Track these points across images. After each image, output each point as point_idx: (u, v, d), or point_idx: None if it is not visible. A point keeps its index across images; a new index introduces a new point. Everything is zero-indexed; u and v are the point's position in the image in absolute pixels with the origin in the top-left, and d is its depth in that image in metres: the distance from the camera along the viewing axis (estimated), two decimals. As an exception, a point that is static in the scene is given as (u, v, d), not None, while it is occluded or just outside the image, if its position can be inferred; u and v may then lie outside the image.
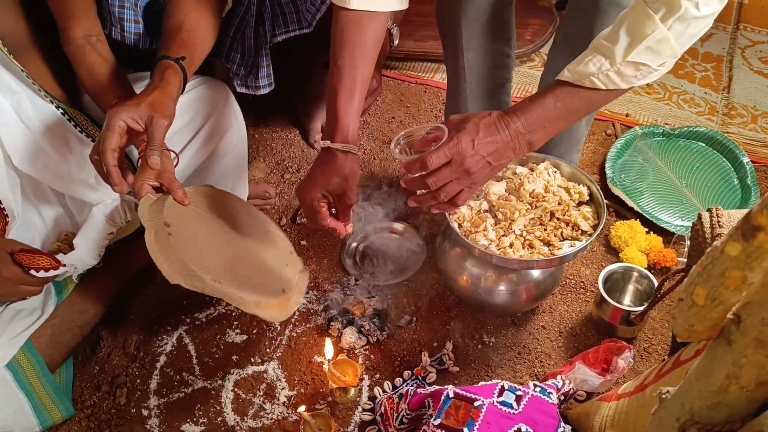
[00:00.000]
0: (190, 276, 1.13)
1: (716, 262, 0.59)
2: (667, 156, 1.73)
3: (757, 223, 0.52)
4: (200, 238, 1.25)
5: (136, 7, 1.40)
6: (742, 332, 0.63)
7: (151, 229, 1.15)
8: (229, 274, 1.21)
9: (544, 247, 1.26)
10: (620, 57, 1.01)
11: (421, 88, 1.96)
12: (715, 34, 2.11)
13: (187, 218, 1.25)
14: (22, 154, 1.27)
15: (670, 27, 0.96)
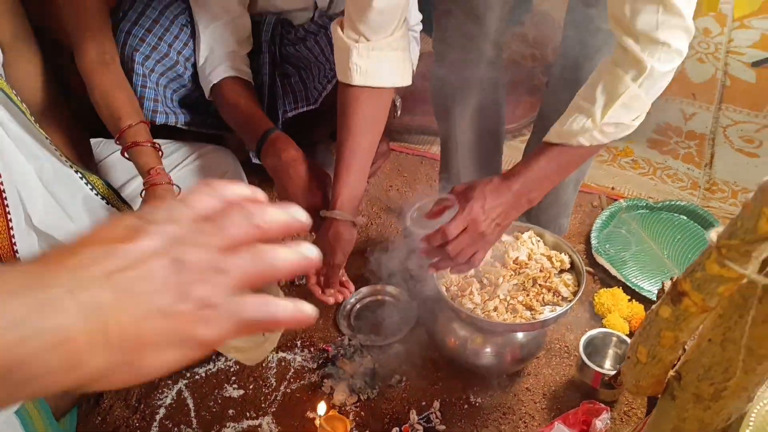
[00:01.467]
0: None
1: (653, 323, 0.67)
2: (650, 228, 1.82)
3: (682, 289, 0.61)
4: None
5: (157, 86, 1.53)
6: (683, 388, 0.71)
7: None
8: None
9: (527, 311, 1.34)
10: (599, 117, 1.11)
11: (418, 159, 2.07)
12: (698, 114, 2.23)
13: None
14: (42, 214, 1.37)
15: (640, 85, 1.06)
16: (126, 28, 1.53)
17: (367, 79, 1.28)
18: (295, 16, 1.66)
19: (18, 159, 1.32)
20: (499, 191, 1.18)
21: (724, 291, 0.58)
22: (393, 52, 1.29)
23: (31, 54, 1.40)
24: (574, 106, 1.15)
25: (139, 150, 1.42)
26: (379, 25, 1.24)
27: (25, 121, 1.34)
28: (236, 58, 1.56)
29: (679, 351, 0.68)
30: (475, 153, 1.60)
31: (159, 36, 1.55)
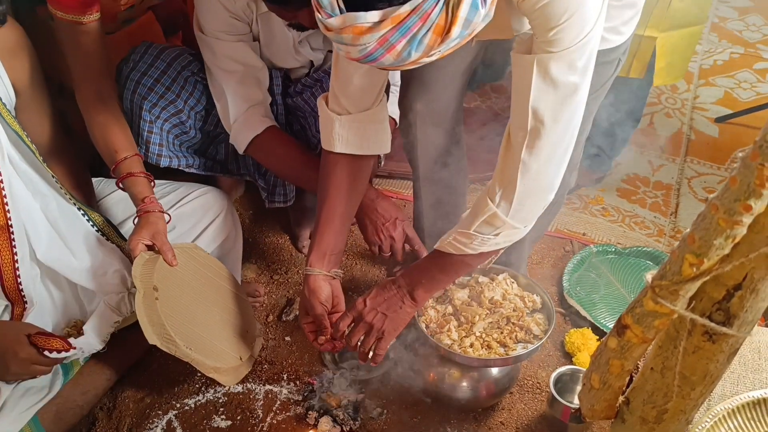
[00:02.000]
0: (166, 339, 1.35)
1: (603, 353, 0.77)
2: (619, 272, 1.93)
3: (625, 323, 0.71)
4: (182, 302, 1.44)
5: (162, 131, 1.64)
6: (631, 412, 0.80)
7: (141, 290, 1.36)
8: (200, 340, 1.42)
9: (501, 347, 1.43)
10: (461, 228, 1.28)
11: (401, 202, 2.18)
12: (665, 165, 2.36)
13: (174, 279, 1.45)
14: (46, 249, 1.44)
15: (497, 205, 1.23)
16: (136, 78, 1.63)
17: (348, 147, 1.41)
18: (294, 72, 1.78)
19: (25, 196, 1.41)
20: (385, 287, 1.39)
21: (659, 324, 0.68)
22: (372, 125, 1.42)
23: (42, 98, 1.49)
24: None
25: (133, 180, 1.51)
26: (359, 100, 1.37)
27: (34, 161, 1.43)
28: (267, 108, 1.68)
29: (626, 378, 0.77)
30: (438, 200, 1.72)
31: (166, 86, 1.66)
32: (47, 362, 1.33)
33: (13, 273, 1.39)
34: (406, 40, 0.91)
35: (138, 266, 1.39)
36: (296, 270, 1.93)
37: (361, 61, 0.95)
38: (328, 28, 0.94)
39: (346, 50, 0.95)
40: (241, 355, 1.55)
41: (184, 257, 1.50)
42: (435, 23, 0.90)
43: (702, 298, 0.67)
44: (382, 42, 0.91)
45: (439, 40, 0.93)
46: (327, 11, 0.92)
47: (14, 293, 1.41)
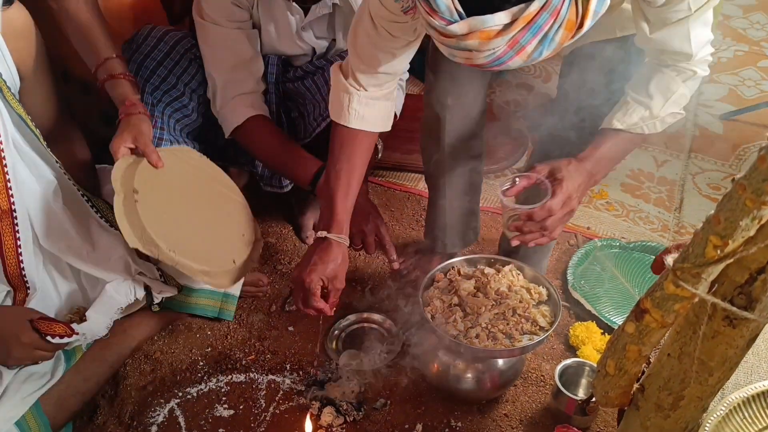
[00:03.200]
0: (148, 242, 1.30)
1: (619, 338, 0.76)
2: (623, 266, 1.92)
3: (644, 307, 0.70)
4: (166, 204, 1.39)
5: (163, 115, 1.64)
6: (646, 398, 0.80)
7: (120, 193, 1.31)
8: (186, 243, 1.36)
9: (506, 339, 1.42)
10: (658, 109, 1.30)
11: (405, 195, 2.17)
12: (669, 161, 2.36)
13: (158, 182, 1.39)
14: (48, 234, 1.43)
15: (686, 85, 1.28)
16: (138, 60, 1.63)
17: (362, 123, 1.40)
18: (295, 59, 1.77)
19: (29, 180, 1.40)
20: (579, 171, 1.33)
21: (679, 308, 0.67)
22: (384, 102, 1.41)
23: (47, 82, 1.48)
24: (630, 99, 1.32)
25: (114, 82, 1.48)
26: (378, 83, 1.36)
27: (38, 145, 1.41)
28: (256, 97, 1.66)
29: (642, 364, 0.77)
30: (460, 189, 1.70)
31: (169, 68, 1.65)
32: (49, 348, 1.32)
33: (16, 258, 1.38)
34: (537, 39, 0.87)
35: (119, 169, 1.34)
36: (299, 260, 1.92)
37: (486, 66, 0.91)
38: (446, 35, 0.88)
39: (466, 56, 0.90)
40: (235, 258, 1.49)
41: (173, 160, 1.45)
42: (566, 19, 0.86)
43: (724, 282, 0.66)
44: (512, 44, 0.86)
45: (570, 36, 0.89)
46: (445, 17, 0.86)
47: (17, 279, 1.39)
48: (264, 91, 1.70)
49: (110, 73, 1.47)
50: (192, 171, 1.50)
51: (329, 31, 1.72)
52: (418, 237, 2.00)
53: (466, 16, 0.85)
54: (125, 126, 1.42)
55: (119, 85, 1.47)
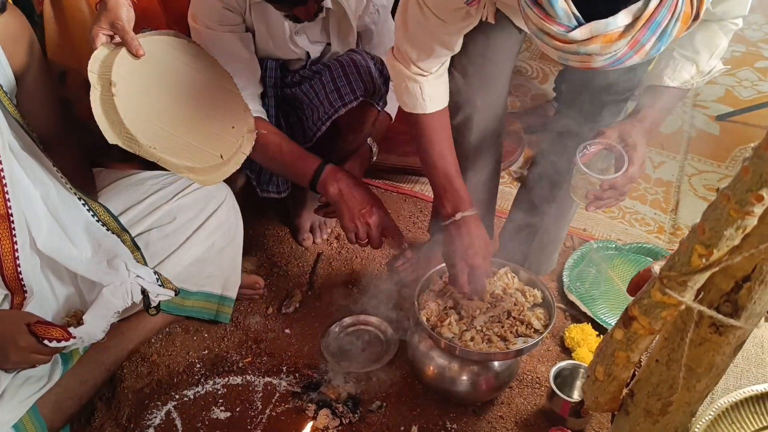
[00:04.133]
0: (127, 138, 1.24)
1: (608, 344, 0.77)
2: (619, 268, 1.93)
3: (632, 314, 0.71)
4: (148, 96, 1.31)
5: None
6: (635, 404, 0.80)
7: (97, 86, 1.25)
8: (169, 138, 1.29)
9: (501, 341, 1.43)
10: (704, 64, 1.30)
11: (402, 197, 2.17)
12: (666, 162, 2.37)
13: (139, 72, 1.30)
14: (46, 238, 1.43)
15: (726, 37, 1.29)
16: None
17: (436, 104, 1.41)
18: (291, 63, 1.78)
19: (26, 184, 1.40)
20: (642, 133, 1.34)
21: (666, 316, 0.68)
22: (445, 76, 1.42)
23: (44, 86, 1.48)
24: (678, 56, 1.32)
25: None
26: (441, 59, 1.36)
27: (35, 149, 1.42)
28: (255, 99, 1.67)
29: (631, 370, 0.77)
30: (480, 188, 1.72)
31: None
32: (47, 351, 1.32)
33: (13, 262, 1.38)
34: (656, 36, 0.86)
35: (96, 60, 1.26)
36: (296, 263, 1.93)
37: (605, 68, 0.89)
38: (564, 41, 0.86)
39: (583, 60, 0.88)
40: (223, 153, 1.40)
41: (156, 46, 1.37)
42: (682, 11, 0.86)
43: (710, 290, 0.66)
44: (633, 44, 0.86)
45: (685, 28, 0.88)
46: (564, 23, 0.84)
47: (14, 282, 1.40)
48: (262, 95, 1.70)
49: None
50: (177, 58, 1.41)
51: (323, 35, 1.73)
52: (415, 238, 2.01)
53: (585, 20, 0.84)
54: (102, 10, 1.33)
55: None
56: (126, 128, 1.24)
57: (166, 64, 1.39)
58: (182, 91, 1.40)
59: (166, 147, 1.30)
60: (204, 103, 1.42)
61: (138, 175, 1.68)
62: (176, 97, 1.38)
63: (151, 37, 1.36)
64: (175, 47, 1.43)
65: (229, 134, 1.43)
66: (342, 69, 1.66)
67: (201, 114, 1.41)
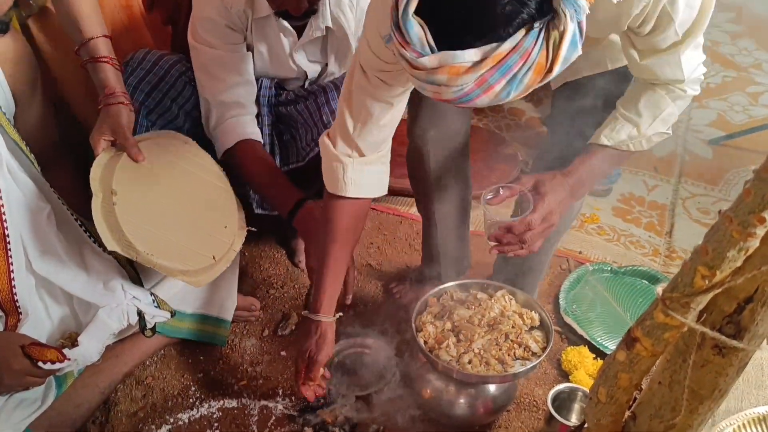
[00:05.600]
0: (126, 246, 1.29)
1: (611, 366, 0.77)
2: (615, 291, 1.93)
3: (635, 336, 0.71)
4: (146, 201, 1.36)
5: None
6: (638, 426, 0.80)
7: (99, 194, 1.30)
8: (165, 243, 1.35)
9: (499, 364, 1.42)
10: (645, 128, 1.30)
11: (398, 219, 2.18)
12: (659, 186, 2.38)
13: (139, 176, 1.36)
14: (41, 259, 1.43)
15: (676, 104, 1.29)
16: (134, 83, 1.64)
17: (360, 191, 1.38)
18: (288, 83, 1.79)
19: (23, 205, 1.39)
20: (562, 186, 1.33)
21: (669, 337, 0.68)
22: (381, 166, 1.40)
23: (42, 109, 1.49)
24: (619, 116, 1.33)
25: (96, 66, 1.41)
26: (376, 141, 1.34)
27: (32, 170, 1.42)
28: (248, 120, 1.68)
29: (633, 392, 0.77)
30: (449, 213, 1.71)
31: (164, 92, 1.66)
32: (41, 374, 1.31)
33: (8, 283, 1.37)
34: (506, 80, 0.87)
35: (98, 167, 1.31)
36: (292, 284, 1.92)
37: (453, 102, 0.91)
38: (416, 67, 0.88)
39: (436, 90, 0.90)
40: (215, 254, 1.46)
41: (155, 149, 1.41)
42: (536, 62, 0.87)
43: (712, 311, 0.67)
44: (480, 83, 0.87)
45: (539, 79, 0.89)
46: (416, 49, 0.86)
47: (9, 304, 1.39)
48: (257, 113, 1.72)
49: (92, 54, 1.40)
50: (175, 160, 1.46)
51: (322, 55, 1.74)
52: (411, 261, 2.01)
53: (438, 50, 0.86)
54: (104, 117, 1.37)
55: (101, 69, 1.41)
56: (126, 237, 1.31)
57: (162, 166, 1.45)
58: (178, 192, 1.46)
59: (163, 252, 1.36)
60: (198, 203, 1.50)
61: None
62: (173, 200, 1.44)
63: (150, 139, 1.42)
64: (173, 147, 1.49)
65: (222, 234, 1.50)
66: (337, 91, 1.68)
67: (195, 215, 1.48)
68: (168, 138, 1.49)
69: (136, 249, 1.30)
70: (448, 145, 1.58)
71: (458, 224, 1.74)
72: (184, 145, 1.52)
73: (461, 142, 1.60)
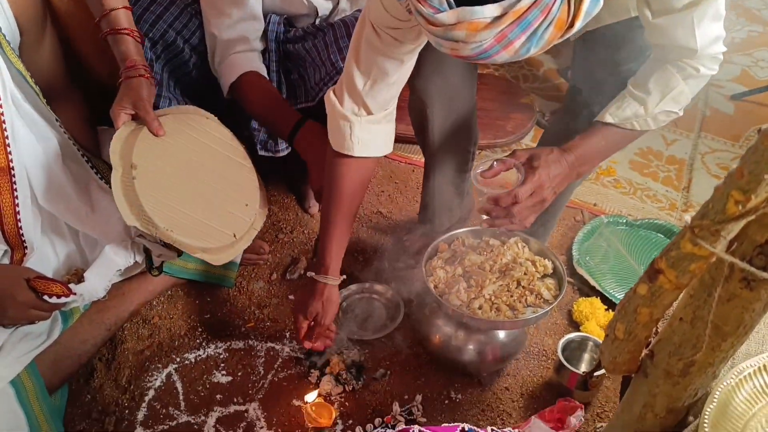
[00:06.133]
0: (145, 221, 1.27)
1: (631, 300, 0.74)
2: (629, 244, 1.89)
3: (658, 267, 0.67)
4: (167, 177, 1.35)
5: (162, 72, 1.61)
6: (655, 365, 0.77)
7: (118, 168, 1.28)
8: (185, 219, 1.33)
9: (510, 311, 1.40)
10: (653, 106, 1.24)
11: (410, 167, 2.14)
12: (678, 140, 2.32)
13: (159, 151, 1.35)
14: (47, 194, 1.41)
15: (687, 83, 1.21)
16: (138, 13, 1.58)
17: (367, 150, 1.35)
18: (298, 20, 1.73)
19: (28, 138, 1.37)
20: (558, 162, 1.28)
21: (695, 269, 0.65)
22: (387, 125, 1.36)
23: (48, 38, 1.45)
24: (627, 94, 1.27)
25: (117, 38, 1.41)
26: (384, 98, 1.30)
27: (38, 103, 1.38)
28: (254, 55, 1.63)
29: (652, 328, 0.74)
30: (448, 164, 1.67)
31: (169, 23, 1.61)
32: (46, 307, 1.30)
33: (13, 217, 1.35)
34: (526, 36, 0.84)
35: (118, 140, 1.30)
36: (301, 230, 1.90)
37: (472, 58, 0.88)
38: (434, 23, 0.85)
39: (453, 47, 0.87)
40: (236, 231, 1.45)
41: (176, 124, 1.40)
42: (557, 17, 0.83)
43: (743, 242, 0.63)
44: (500, 38, 0.84)
45: (560, 35, 0.86)
46: (434, 5, 0.84)
47: (14, 238, 1.37)
48: (264, 50, 1.67)
49: (113, 26, 1.40)
50: (196, 135, 1.46)
51: None
52: (422, 209, 1.98)
53: (456, 5, 0.83)
54: (125, 90, 1.37)
55: (121, 42, 1.41)
56: (145, 212, 1.28)
57: (183, 141, 1.42)
58: (198, 168, 1.43)
59: (182, 229, 1.33)
60: (219, 180, 1.46)
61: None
62: (193, 175, 1.41)
63: (171, 114, 1.40)
64: (194, 122, 1.46)
65: (243, 212, 1.47)
66: (347, 29, 1.62)
67: (216, 191, 1.45)
68: (190, 113, 1.46)
69: (156, 224, 1.28)
70: (451, 96, 1.53)
71: (455, 175, 1.70)
72: (206, 120, 1.49)
73: (466, 94, 1.56)
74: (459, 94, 1.55)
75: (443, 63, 1.47)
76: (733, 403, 0.79)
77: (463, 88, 1.54)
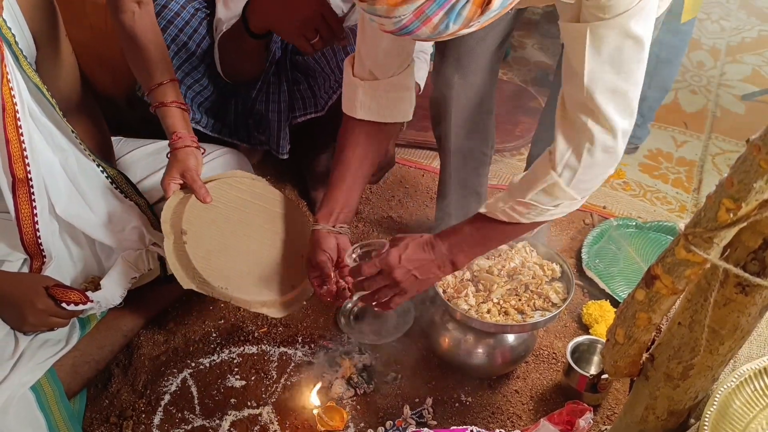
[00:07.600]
0: (200, 282, 1.31)
1: (629, 306, 0.75)
2: (639, 246, 1.90)
3: (655, 273, 0.69)
4: (218, 239, 1.39)
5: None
6: (656, 368, 0.79)
7: (170, 235, 1.33)
8: (240, 276, 1.36)
9: (518, 314, 1.42)
10: (517, 196, 1.18)
11: (420, 172, 2.16)
12: (689, 142, 2.33)
13: (209, 216, 1.39)
14: (65, 203, 1.44)
15: (560, 174, 1.12)
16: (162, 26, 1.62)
17: (370, 114, 1.37)
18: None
19: (45, 150, 1.40)
20: (423, 247, 1.27)
21: (690, 275, 0.66)
22: (396, 92, 1.36)
23: (63, 52, 1.48)
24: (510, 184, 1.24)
25: (165, 111, 1.46)
26: (386, 65, 1.32)
27: (54, 115, 1.42)
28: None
29: (652, 332, 0.76)
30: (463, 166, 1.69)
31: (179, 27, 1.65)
32: (64, 314, 1.34)
33: (32, 226, 1.39)
34: (443, 11, 0.85)
35: (168, 209, 1.35)
36: (313, 236, 1.92)
37: (396, 33, 0.89)
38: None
39: (379, 22, 0.89)
40: (294, 282, 1.45)
41: (223, 188, 1.45)
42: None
43: (737, 248, 0.65)
44: (418, 14, 0.85)
45: (479, 12, 0.86)
46: None
47: (33, 247, 1.41)
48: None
49: (161, 100, 1.45)
50: (243, 197, 1.49)
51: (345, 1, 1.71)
52: (432, 214, 1.99)
53: None
54: (173, 161, 1.42)
55: (169, 115, 1.45)
56: (199, 274, 1.31)
57: (231, 204, 1.46)
58: (249, 227, 1.47)
59: (238, 286, 1.37)
60: (271, 236, 1.49)
61: (156, 143, 1.68)
62: (244, 235, 1.45)
63: (218, 180, 1.44)
64: (241, 185, 1.50)
65: (299, 262, 1.46)
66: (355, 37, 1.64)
67: (269, 247, 1.47)
68: (237, 177, 1.51)
69: (211, 285, 1.32)
70: (471, 92, 1.55)
71: (474, 176, 1.71)
72: (252, 182, 1.53)
73: (486, 90, 1.57)
74: (480, 93, 1.56)
75: (466, 61, 1.49)
76: (734, 405, 0.81)
77: (483, 87, 1.56)
